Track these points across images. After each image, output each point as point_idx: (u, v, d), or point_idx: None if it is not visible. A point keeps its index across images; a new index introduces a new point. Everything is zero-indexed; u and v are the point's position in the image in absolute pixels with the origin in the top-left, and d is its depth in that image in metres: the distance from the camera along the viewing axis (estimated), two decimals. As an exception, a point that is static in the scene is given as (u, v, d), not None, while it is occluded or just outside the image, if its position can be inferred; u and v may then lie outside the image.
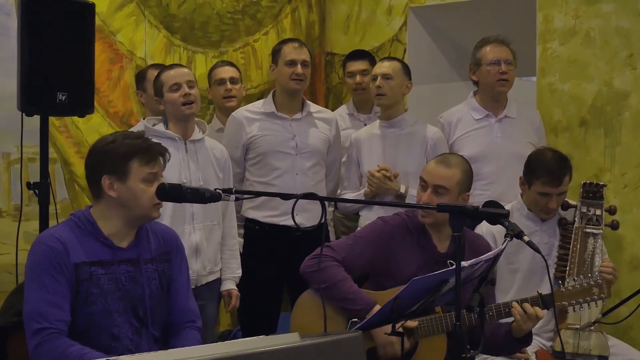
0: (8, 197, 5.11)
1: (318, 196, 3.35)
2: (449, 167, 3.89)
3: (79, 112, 4.36)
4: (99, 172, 3.32)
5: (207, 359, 2.23)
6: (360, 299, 3.81)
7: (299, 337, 2.50)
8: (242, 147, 5.01)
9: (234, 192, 3.25)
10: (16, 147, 4.74)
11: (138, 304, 3.35)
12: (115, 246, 3.34)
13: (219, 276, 4.68)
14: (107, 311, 3.28)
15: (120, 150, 3.30)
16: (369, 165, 4.99)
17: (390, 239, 3.94)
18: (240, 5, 6.32)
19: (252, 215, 5.04)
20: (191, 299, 3.60)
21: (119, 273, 3.32)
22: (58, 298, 3.20)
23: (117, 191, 3.30)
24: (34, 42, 4.08)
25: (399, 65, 5.04)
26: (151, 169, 3.32)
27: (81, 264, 3.25)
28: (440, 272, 3.27)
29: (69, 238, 3.27)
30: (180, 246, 3.60)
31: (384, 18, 6.53)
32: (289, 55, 5.00)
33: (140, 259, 3.38)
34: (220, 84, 5.57)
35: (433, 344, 3.74)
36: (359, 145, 5.09)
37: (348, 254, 3.91)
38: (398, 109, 5.03)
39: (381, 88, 4.94)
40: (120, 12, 5.63)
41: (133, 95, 5.52)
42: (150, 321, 3.39)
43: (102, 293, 3.27)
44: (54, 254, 3.22)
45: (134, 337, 3.34)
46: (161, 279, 3.45)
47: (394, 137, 4.99)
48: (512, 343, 3.77)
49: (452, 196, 3.86)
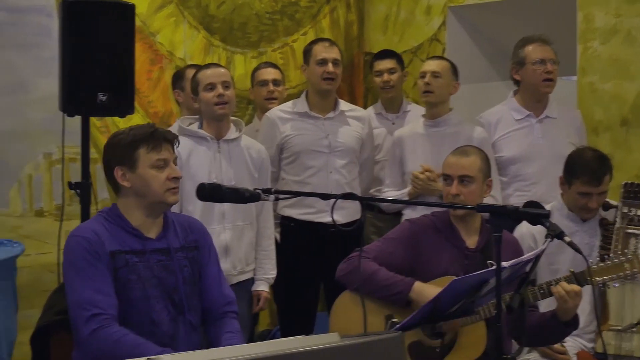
0: (50, 197, 5.17)
1: (357, 196, 3.37)
2: (467, 155, 3.96)
3: (120, 113, 4.39)
4: (111, 165, 3.38)
5: (247, 358, 2.23)
6: (398, 281, 3.80)
7: (338, 337, 2.49)
8: (276, 147, 5.02)
9: (273, 192, 3.25)
10: (58, 148, 4.79)
11: (173, 291, 3.38)
12: (144, 237, 3.38)
13: (252, 276, 4.68)
14: (145, 297, 3.31)
15: (126, 140, 3.35)
16: (412, 164, 4.96)
17: (419, 238, 3.94)
18: (279, 6, 6.34)
19: (288, 212, 5.06)
20: (224, 284, 3.62)
21: (151, 261, 3.35)
22: (103, 285, 3.23)
23: (130, 181, 3.35)
24: (75, 43, 4.11)
25: (448, 64, 5.02)
26: (158, 154, 3.35)
27: (117, 252, 3.29)
28: (480, 272, 3.26)
29: (101, 230, 3.32)
30: (207, 234, 3.63)
31: (422, 18, 6.52)
32: (320, 54, 5.01)
33: (170, 248, 3.41)
34: (262, 85, 5.58)
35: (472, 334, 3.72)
36: (402, 143, 5.07)
37: (379, 254, 3.92)
38: (444, 108, 5.00)
39: (429, 85, 4.93)
40: (160, 12, 5.67)
41: (172, 95, 5.55)
42: (187, 307, 3.41)
43: (139, 279, 3.31)
44: (90, 244, 3.26)
45: (172, 323, 3.37)
46: (192, 266, 3.47)
47: (438, 136, 4.95)
48: (559, 327, 3.75)
49: (478, 183, 3.91)
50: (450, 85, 4.99)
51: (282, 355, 2.28)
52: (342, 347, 2.44)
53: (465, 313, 3.54)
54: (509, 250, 3.65)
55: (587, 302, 4.06)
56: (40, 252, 5.05)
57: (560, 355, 4.15)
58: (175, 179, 3.38)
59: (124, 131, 3.43)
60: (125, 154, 3.34)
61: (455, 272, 3.78)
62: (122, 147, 3.35)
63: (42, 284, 4.98)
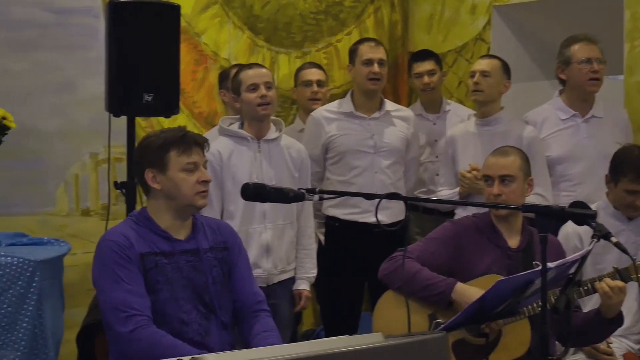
0: (96, 196, 5.21)
1: (401, 196, 3.36)
2: (507, 155, 3.97)
3: (165, 113, 4.42)
4: (142, 167, 3.41)
5: (291, 358, 2.24)
6: (440, 281, 3.80)
7: (382, 337, 2.49)
8: (321, 147, 5.03)
9: (317, 192, 3.26)
10: (104, 147, 4.83)
11: (203, 291, 3.41)
12: (173, 238, 3.41)
13: (293, 275, 4.68)
14: (173, 298, 3.34)
15: (158, 142, 3.38)
16: (463, 163, 4.95)
17: (461, 238, 3.94)
18: (323, 6, 6.34)
19: (332, 212, 5.06)
20: (254, 283, 3.64)
21: (181, 263, 3.38)
22: (136, 287, 3.27)
23: (160, 183, 3.38)
24: (121, 44, 4.15)
25: (498, 63, 4.99)
26: (188, 157, 3.38)
27: (146, 254, 3.33)
28: (526, 273, 3.24)
29: (131, 233, 3.36)
30: (235, 236, 3.65)
31: (467, 17, 6.48)
32: (366, 54, 5.00)
33: (199, 249, 3.44)
34: (306, 85, 5.58)
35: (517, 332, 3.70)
36: (454, 142, 5.06)
37: (421, 254, 3.92)
38: (494, 107, 4.98)
39: (478, 84, 4.91)
40: (205, 13, 5.69)
41: (217, 95, 5.57)
42: (217, 307, 3.43)
43: (167, 281, 3.34)
44: (120, 247, 3.30)
45: (203, 322, 3.39)
46: (222, 266, 3.50)
47: (488, 135, 4.92)
48: (603, 325, 3.73)
49: (519, 182, 3.92)
50: (501, 84, 4.96)
51: (326, 355, 2.28)
52: (386, 347, 2.44)
53: (510, 313, 3.53)
54: (552, 251, 3.63)
55: (633, 300, 4.03)
56: (86, 251, 5.08)
57: (607, 356, 4.12)
58: (205, 182, 3.41)
59: (155, 134, 3.46)
60: (156, 157, 3.37)
61: (498, 272, 3.77)
62: (153, 150, 3.38)
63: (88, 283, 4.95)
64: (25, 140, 4.76)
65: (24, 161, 4.90)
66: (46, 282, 4.01)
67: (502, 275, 3.61)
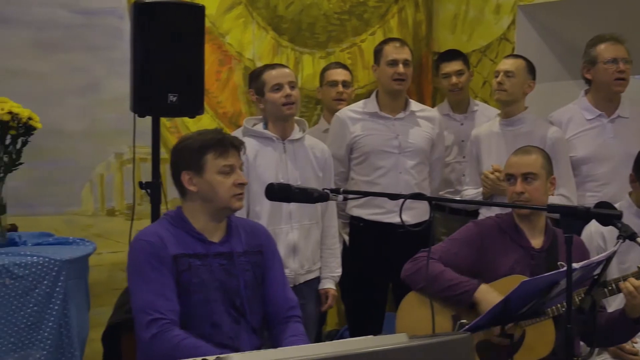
0: (121, 196, 5.24)
1: (425, 196, 3.35)
2: (529, 154, 3.98)
3: (189, 113, 4.43)
4: (178, 169, 3.42)
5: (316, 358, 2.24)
6: (463, 281, 3.79)
7: (407, 338, 2.49)
8: (346, 147, 5.03)
9: (342, 192, 3.26)
10: (129, 148, 4.85)
11: (234, 295, 3.41)
12: (207, 240, 3.41)
13: (318, 275, 4.69)
14: (206, 300, 3.35)
15: (195, 145, 3.40)
16: (487, 163, 4.95)
17: (483, 239, 3.94)
18: (347, 6, 6.34)
19: (357, 212, 5.06)
20: (288, 288, 3.64)
21: (214, 265, 3.38)
22: (165, 289, 3.28)
23: (197, 185, 3.39)
24: (146, 44, 4.16)
25: (523, 63, 4.97)
26: (225, 160, 3.39)
27: (179, 256, 3.33)
28: (551, 274, 3.23)
29: (165, 233, 3.37)
30: (271, 239, 3.66)
31: (491, 17, 6.47)
32: (390, 55, 4.99)
33: (233, 252, 3.45)
34: (332, 85, 5.59)
35: (541, 333, 3.69)
36: (478, 142, 5.06)
37: (444, 254, 3.91)
38: (518, 107, 4.96)
39: (502, 85, 4.90)
40: (229, 14, 5.70)
41: (242, 95, 5.58)
42: (248, 311, 3.44)
43: (201, 283, 3.34)
44: (153, 248, 3.31)
45: (233, 326, 3.39)
46: (255, 270, 3.50)
47: (512, 135, 4.91)
48: (628, 324, 3.72)
49: (542, 180, 3.93)
50: (525, 84, 4.95)
51: (350, 355, 2.28)
52: (411, 347, 2.43)
53: (535, 314, 3.51)
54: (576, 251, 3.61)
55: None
56: (112, 251, 5.12)
57: (632, 356, 4.09)
58: (241, 185, 3.41)
59: (192, 136, 3.47)
60: (193, 159, 3.38)
61: (521, 272, 3.77)
62: (190, 152, 3.40)
63: (113, 282, 5.05)
64: (51, 140, 4.78)
65: (49, 161, 4.92)
66: (72, 282, 4.03)
67: (526, 276, 3.60)
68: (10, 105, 4.09)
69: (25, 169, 4.25)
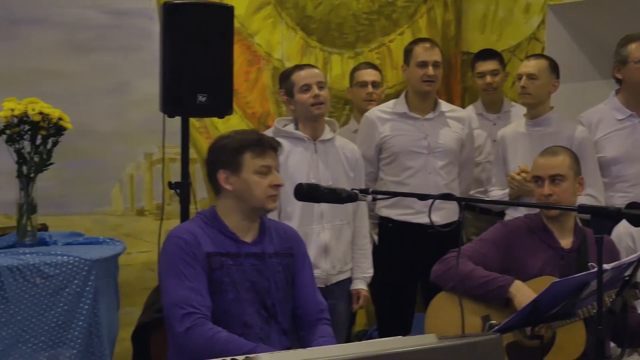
0: (150, 196, 5.26)
1: (455, 196, 3.33)
2: (556, 155, 3.95)
3: (219, 113, 4.43)
4: (215, 167, 3.43)
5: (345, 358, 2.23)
6: (497, 277, 3.76)
7: (436, 339, 2.48)
8: (375, 147, 5.02)
9: (370, 193, 3.25)
10: (158, 148, 4.86)
11: (265, 296, 3.42)
12: (240, 240, 3.42)
13: (350, 275, 4.68)
14: (238, 300, 3.35)
15: (233, 144, 3.40)
16: (513, 164, 4.92)
17: (512, 239, 3.92)
18: (376, 6, 6.33)
19: (386, 213, 5.05)
20: (317, 291, 3.64)
21: (245, 265, 3.39)
22: (198, 285, 3.28)
23: (233, 184, 3.40)
24: (175, 45, 4.17)
25: (545, 63, 4.93)
26: (263, 161, 3.39)
27: (212, 254, 3.34)
28: (581, 274, 3.21)
29: (199, 231, 3.38)
30: (301, 242, 3.66)
31: (521, 16, 6.43)
32: (420, 56, 4.97)
33: (265, 253, 3.45)
34: (362, 86, 5.58)
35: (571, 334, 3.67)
36: (504, 143, 5.03)
37: (473, 255, 3.90)
38: (543, 107, 4.93)
39: (526, 88, 4.87)
40: (258, 14, 5.72)
41: (270, 96, 5.59)
42: (279, 312, 3.44)
43: (232, 282, 3.35)
44: (187, 245, 3.31)
45: (264, 326, 3.40)
46: (286, 272, 3.50)
47: (538, 136, 4.87)
48: None
49: (570, 181, 3.90)
50: (549, 85, 4.91)
51: (380, 356, 2.27)
52: (440, 348, 2.42)
53: (565, 316, 3.49)
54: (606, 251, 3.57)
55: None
56: (141, 251, 5.14)
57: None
58: (277, 186, 3.42)
59: (230, 135, 3.47)
60: (231, 158, 3.39)
61: (551, 273, 3.74)
62: (228, 151, 3.40)
63: (143, 282, 5.07)
64: (81, 140, 4.80)
65: (79, 161, 4.95)
66: (101, 281, 4.05)
67: (556, 277, 3.58)
68: (40, 105, 4.12)
69: (56, 169, 4.28)
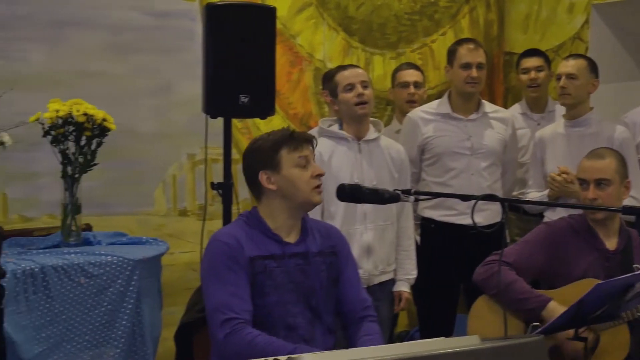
0: (193, 196, 5.29)
1: (497, 197, 3.32)
2: (602, 158, 3.91)
3: (261, 114, 4.44)
4: (254, 170, 3.41)
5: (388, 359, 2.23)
6: (533, 297, 3.76)
7: (479, 340, 2.47)
8: (417, 148, 5.00)
9: (412, 193, 3.24)
10: (200, 149, 4.89)
11: (310, 295, 3.41)
12: (283, 241, 3.41)
13: (393, 276, 4.67)
14: (281, 302, 3.35)
15: (267, 144, 3.40)
16: (552, 165, 4.87)
17: (557, 240, 3.90)
18: (418, 6, 6.32)
19: (428, 214, 5.03)
20: (362, 289, 3.63)
21: (289, 266, 3.38)
22: (240, 290, 3.28)
23: (276, 183, 3.38)
24: (218, 46, 4.18)
25: (584, 63, 4.88)
26: (300, 152, 3.38)
27: (256, 258, 3.33)
28: (625, 276, 3.18)
29: (241, 235, 3.37)
30: (344, 241, 3.64)
31: (565, 16, 6.39)
32: (464, 57, 4.94)
33: (308, 252, 3.44)
34: (404, 86, 5.57)
35: (615, 338, 3.64)
36: (543, 144, 4.99)
37: (517, 258, 3.88)
38: (583, 108, 4.88)
39: (565, 88, 4.83)
40: (300, 15, 5.73)
41: (312, 96, 5.60)
42: (323, 311, 3.43)
43: (275, 285, 3.34)
44: (230, 249, 3.31)
45: (308, 327, 3.39)
46: (329, 270, 3.49)
47: (578, 136, 4.84)
48: None
49: (616, 185, 3.87)
50: (589, 85, 4.86)
51: (422, 357, 2.27)
52: (483, 350, 2.42)
53: (609, 318, 3.46)
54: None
55: None
56: (184, 251, 5.17)
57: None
58: (319, 176, 3.41)
59: (263, 137, 3.47)
60: (268, 157, 3.38)
61: (596, 274, 3.71)
62: (264, 151, 3.40)
63: (185, 282, 5.10)
64: (124, 141, 4.84)
65: (123, 162, 5.00)
66: (145, 281, 4.08)
67: (600, 279, 3.55)
68: (85, 106, 4.16)
69: (100, 169, 4.32)
